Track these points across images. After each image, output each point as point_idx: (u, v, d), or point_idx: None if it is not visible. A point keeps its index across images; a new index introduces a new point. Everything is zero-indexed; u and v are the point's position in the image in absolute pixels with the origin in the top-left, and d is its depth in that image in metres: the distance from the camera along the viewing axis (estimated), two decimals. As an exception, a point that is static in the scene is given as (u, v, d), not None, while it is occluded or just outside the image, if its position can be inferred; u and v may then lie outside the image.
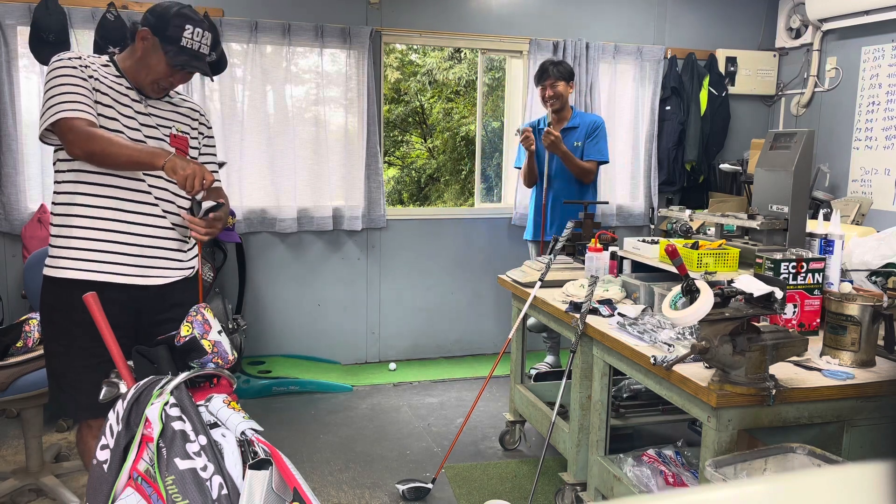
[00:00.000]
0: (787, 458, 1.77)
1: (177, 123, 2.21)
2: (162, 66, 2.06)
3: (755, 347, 1.79)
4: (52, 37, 3.64)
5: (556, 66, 3.90)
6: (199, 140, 2.28)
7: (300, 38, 4.22)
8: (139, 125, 2.10)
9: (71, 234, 2.05)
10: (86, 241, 2.05)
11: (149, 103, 2.15)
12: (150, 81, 2.09)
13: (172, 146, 2.16)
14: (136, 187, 2.07)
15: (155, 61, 2.06)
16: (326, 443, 3.44)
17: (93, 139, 1.92)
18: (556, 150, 3.83)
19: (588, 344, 2.58)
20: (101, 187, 2.05)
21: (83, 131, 1.93)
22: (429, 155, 9.36)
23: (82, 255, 2.04)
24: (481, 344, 4.86)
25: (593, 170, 3.96)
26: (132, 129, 2.07)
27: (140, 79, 2.10)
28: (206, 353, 1.54)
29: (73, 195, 2.06)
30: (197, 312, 1.57)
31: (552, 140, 3.77)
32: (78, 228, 2.05)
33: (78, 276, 2.03)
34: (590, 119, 4.04)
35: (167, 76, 2.09)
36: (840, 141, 4.64)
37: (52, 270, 2.07)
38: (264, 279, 4.43)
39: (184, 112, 2.25)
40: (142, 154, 1.95)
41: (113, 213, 2.06)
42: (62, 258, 2.06)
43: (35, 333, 2.74)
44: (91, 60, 2.09)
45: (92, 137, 1.93)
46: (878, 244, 2.63)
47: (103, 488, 1.44)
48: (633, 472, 2.35)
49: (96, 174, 2.04)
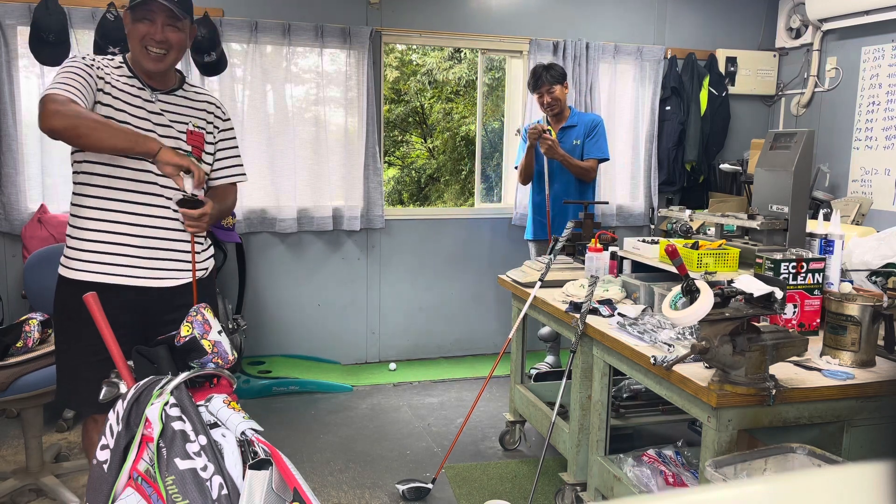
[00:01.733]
0: (787, 458, 1.77)
1: (193, 119, 2.18)
2: (139, 27, 2.03)
3: (755, 347, 1.79)
4: (52, 37, 3.64)
5: (548, 71, 3.87)
6: (213, 135, 2.24)
7: (300, 38, 4.22)
8: (153, 125, 2.08)
9: (82, 237, 2.06)
10: (96, 244, 2.05)
11: (161, 99, 2.13)
12: (140, 52, 2.04)
13: (189, 143, 2.14)
14: (147, 190, 2.07)
15: (131, 26, 2.04)
16: (326, 443, 3.44)
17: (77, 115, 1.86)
18: (555, 155, 3.83)
19: (588, 344, 2.58)
20: (111, 190, 2.05)
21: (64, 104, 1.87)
22: (429, 155, 9.36)
23: (93, 258, 2.05)
24: (481, 344, 4.86)
25: (594, 168, 3.96)
26: (146, 129, 2.06)
27: (138, 59, 2.07)
28: (206, 353, 1.54)
29: (83, 197, 2.06)
30: (197, 312, 1.57)
31: (549, 145, 3.77)
32: (88, 231, 2.06)
33: (88, 277, 2.04)
34: (588, 118, 4.04)
35: (143, 35, 2.03)
36: (840, 141, 4.64)
37: (64, 270, 2.09)
38: (264, 279, 4.43)
39: (198, 106, 2.22)
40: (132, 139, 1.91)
41: (124, 215, 2.06)
42: (74, 259, 2.07)
43: (35, 333, 2.74)
44: (105, 63, 2.08)
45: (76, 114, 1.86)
46: (878, 244, 2.63)
47: (103, 488, 1.44)
48: (633, 472, 2.35)
49: (106, 177, 2.04)
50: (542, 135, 3.78)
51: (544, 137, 3.77)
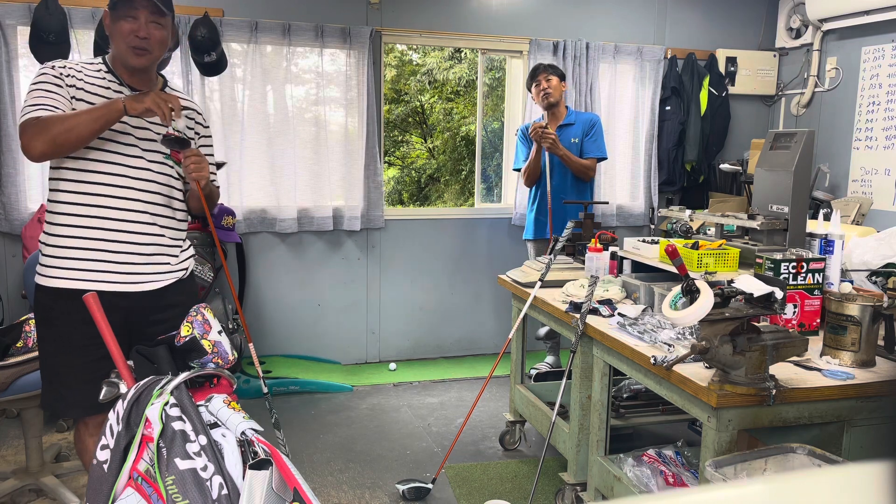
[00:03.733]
0: (787, 458, 1.77)
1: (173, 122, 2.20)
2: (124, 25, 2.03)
3: (755, 347, 1.79)
4: (52, 37, 3.64)
5: (546, 65, 3.96)
6: (195, 141, 2.26)
7: (300, 38, 4.22)
8: (131, 128, 2.07)
9: (57, 243, 2.05)
10: (71, 250, 2.04)
11: None
12: (125, 50, 2.04)
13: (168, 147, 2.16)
14: (121, 195, 2.05)
15: (118, 26, 2.04)
16: (326, 443, 3.44)
17: (48, 126, 1.88)
18: (556, 151, 3.82)
19: (588, 344, 2.58)
20: (84, 196, 2.03)
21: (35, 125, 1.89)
22: (429, 155, 9.36)
23: (68, 264, 2.04)
24: (481, 344, 4.86)
25: (593, 167, 3.97)
26: (120, 131, 2.05)
27: (121, 57, 2.07)
28: (207, 353, 1.54)
29: (56, 203, 2.05)
30: (197, 312, 1.57)
31: (551, 141, 3.77)
32: (62, 237, 2.04)
33: (63, 284, 2.03)
34: (585, 116, 4.05)
35: (127, 32, 2.03)
36: (840, 141, 4.63)
37: (40, 279, 2.08)
38: (264, 279, 4.43)
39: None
40: (100, 111, 1.92)
41: (98, 220, 2.04)
42: (49, 266, 2.05)
43: (35, 333, 2.74)
44: (80, 67, 2.08)
45: (46, 125, 1.89)
46: (878, 244, 2.63)
47: (103, 488, 1.44)
48: (633, 472, 2.35)
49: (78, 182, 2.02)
50: (543, 132, 3.77)
51: (546, 134, 3.76)
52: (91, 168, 2.03)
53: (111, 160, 2.04)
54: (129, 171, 2.06)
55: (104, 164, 2.04)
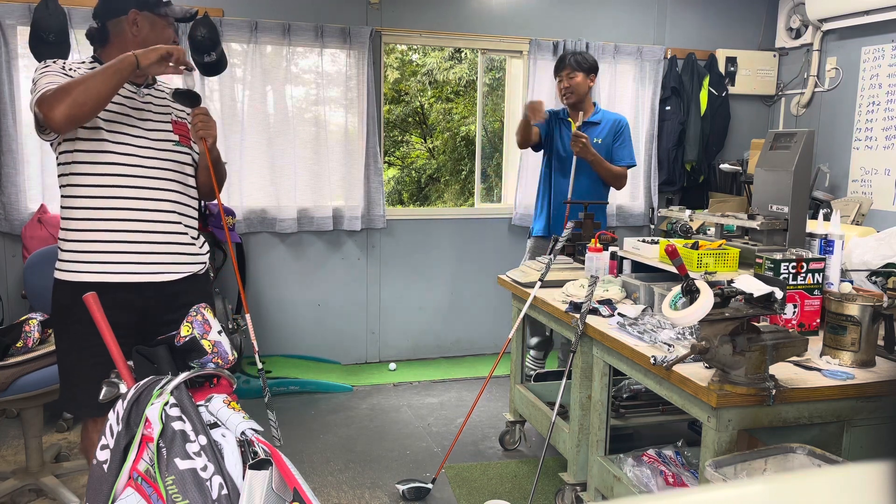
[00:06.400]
0: (787, 458, 1.77)
1: (175, 110, 2.21)
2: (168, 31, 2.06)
3: (755, 347, 1.79)
4: (52, 37, 3.64)
5: (574, 56, 3.64)
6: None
7: (300, 38, 4.22)
8: (137, 120, 2.09)
9: (75, 237, 2.05)
10: (89, 243, 2.04)
11: (144, 92, 2.14)
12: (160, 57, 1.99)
13: (176, 133, 2.17)
14: (137, 184, 2.06)
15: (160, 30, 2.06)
16: (326, 443, 3.44)
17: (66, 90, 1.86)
18: (586, 155, 3.53)
19: (588, 344, 2.58)
20: (100, 188, 2.04)
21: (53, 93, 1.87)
22: (429, 155, 9.36)
23: (87, 257, 2.04)
24: (481, 344, 4.86)
25: (625, 176, 3.71)
26: (128, 124, 2.07)
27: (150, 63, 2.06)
28: (206, 353, 1.54)
29: (71, 198, 2.05)
30: (197, 312, 1.57)
31: (582, 145, 3.49)
32: (80, 231, 2.04)
33: (84, 277, 2.03)
34: (613, 117, 3.76)
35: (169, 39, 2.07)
36: (840, 141, 4.64)
37: (59, 273, 2.08)
38: (264, 279, 4.43)
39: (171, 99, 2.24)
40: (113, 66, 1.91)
41: (114, 211, 2.04)
42: (68, 261, 2.06)
43: (35, 333, 2.74)
44: (77, 66, 2.08)
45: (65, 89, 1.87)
46: (878, 244, 2.63)
47: (103, 488, 1.44)
48: (633, 472, 2.35)
49: (93, 174, 2.03)
50: (573, 134, 3.51)
51: (576, 135, 3.49)
52: (103, 160, 2.04)
53: (122, 151, 2.05)
54: (141, 160, 2.07)
55: (116, 154, 2.04)
